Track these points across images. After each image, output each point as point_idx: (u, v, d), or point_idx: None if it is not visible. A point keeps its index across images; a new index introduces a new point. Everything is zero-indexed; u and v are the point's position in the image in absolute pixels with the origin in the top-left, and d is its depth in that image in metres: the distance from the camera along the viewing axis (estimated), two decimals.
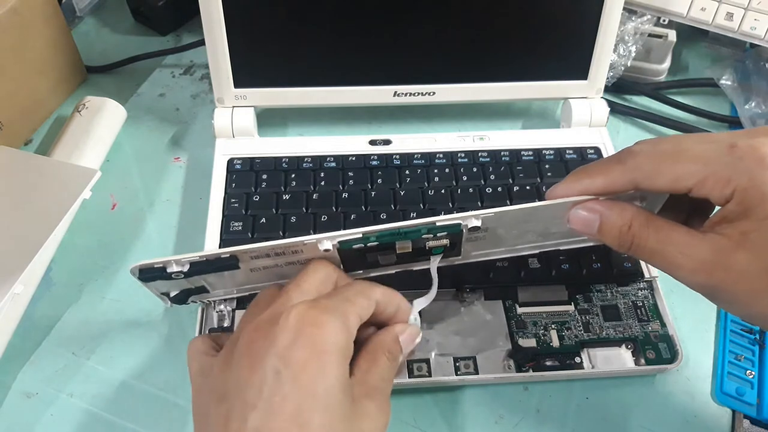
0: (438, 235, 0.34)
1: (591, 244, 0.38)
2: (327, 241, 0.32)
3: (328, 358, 0.28)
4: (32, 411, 0.38)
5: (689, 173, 0.29)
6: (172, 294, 0.36)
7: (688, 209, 0.33)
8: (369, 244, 0.33)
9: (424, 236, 0.34)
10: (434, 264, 0.36)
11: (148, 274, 0.33)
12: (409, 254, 0.35)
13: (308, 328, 0.28)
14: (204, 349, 0.33)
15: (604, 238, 0.32)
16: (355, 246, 0.33)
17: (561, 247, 0.39)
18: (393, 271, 0.37)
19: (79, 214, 0.45)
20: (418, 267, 0.37)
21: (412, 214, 0.44)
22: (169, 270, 0.32)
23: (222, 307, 0.39)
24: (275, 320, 0.29)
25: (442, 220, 0.33)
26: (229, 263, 0.33)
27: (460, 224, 0.33)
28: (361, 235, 0.32)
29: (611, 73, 0.53)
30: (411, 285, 0.37)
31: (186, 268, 0.32)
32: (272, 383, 0.27)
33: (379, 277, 0.37)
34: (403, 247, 0.34)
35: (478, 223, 0.33)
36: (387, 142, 0.48)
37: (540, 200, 0.34)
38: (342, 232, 0.32)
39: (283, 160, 0.47)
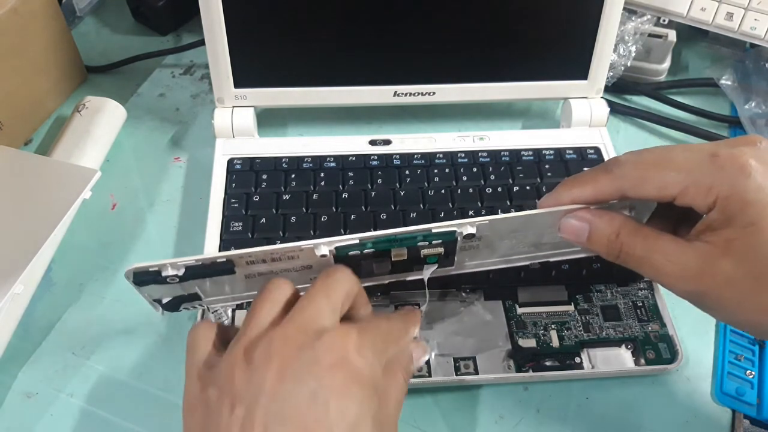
0: (433, 242, 0.34)
1: (582, 255, 0.38)
2: (324, 246, 0.32)
3: (366, 392, 0.28)
4: (32, 411, 0.38)
5: (673, 182, 0.29)
6: (165, 300, 0.35)
7: (676, 218, 0.34)
8: (365, 251, 0.33)
9: (419, 243, 0.34)
10: (427, 273, 0.36)
11: (143, 278, 0.32)
12: (404, 262, 0.35)
13: (353, 357, 0.28)
14: (212, 337, 0.31)
15: (594, 247, 0.32)
16: (351, 252, 0.33)
17: (552, 259, 0.39)
18: (387, 281, 0.37)
19: (79, 214, 0.45)
20: (412, 277, 0.37)
21: (411, 215, 0.44)
22: (164, 273, 0.32)
23: (220, 305, 0.39)
24: (315, 335, 0.28)
25: (437, 227, 0.33)
26: (225, 268, 0.33)
27: (455, 231, 0.33)
28: (357, 241, 0.32)
29: (611, 73, 0.53)
30: (405, 286, 0.37)
31: (181, 272, 0.32)
32: (307, 403, 0.26)
33: (373, 287, 0.37)
34: (398, 254, 0.34)
35: (473, 230, 0.33)
36: (387, 142, 0.48)
37: (541, 208, 0.35)
38: (339, 237, 0.32)
39: (283, 160, 0.47)
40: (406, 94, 0.49)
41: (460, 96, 0.49)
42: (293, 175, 0.46)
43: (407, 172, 0.46)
